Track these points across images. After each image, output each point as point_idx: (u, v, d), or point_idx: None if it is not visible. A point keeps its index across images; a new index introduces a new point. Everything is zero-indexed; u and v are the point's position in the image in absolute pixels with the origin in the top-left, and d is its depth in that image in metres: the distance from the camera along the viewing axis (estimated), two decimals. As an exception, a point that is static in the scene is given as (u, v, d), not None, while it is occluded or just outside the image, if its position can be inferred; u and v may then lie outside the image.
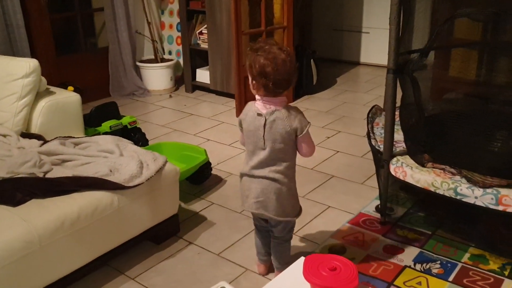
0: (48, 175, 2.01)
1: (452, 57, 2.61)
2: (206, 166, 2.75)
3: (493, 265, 2.05)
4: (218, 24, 4.16)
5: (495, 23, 2.17)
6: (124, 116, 3.13)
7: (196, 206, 2.60)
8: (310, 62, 4.38)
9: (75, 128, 2.57)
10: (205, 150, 2.76)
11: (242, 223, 2.43)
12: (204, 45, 4.42)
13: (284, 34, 4.07)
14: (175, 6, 4.75)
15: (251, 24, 3.94)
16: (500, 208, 1.89)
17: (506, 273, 1.99)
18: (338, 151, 3.21)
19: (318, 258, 1.29)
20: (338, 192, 2.69)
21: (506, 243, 2.20)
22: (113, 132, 2.93)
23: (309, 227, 2.37)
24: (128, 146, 2.29)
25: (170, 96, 4.54)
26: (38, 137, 2.37)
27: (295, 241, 2.27)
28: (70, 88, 2.95)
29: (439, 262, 2.08)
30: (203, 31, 4.42)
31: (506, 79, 2.25)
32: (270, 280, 1.98)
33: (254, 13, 3.94)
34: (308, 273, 1.25)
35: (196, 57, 4.61)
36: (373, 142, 2.36)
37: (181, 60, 4.76)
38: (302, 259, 1.38)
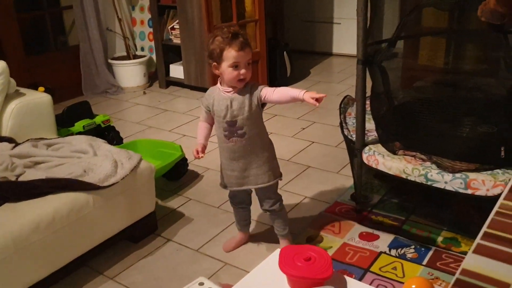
0: (21, 178, 1.98)
1: (421, 46, 2.66)
2: (182, 162, 2.75)
3: (465, 247, 2.11)
4: (189, 19, 4.14)
5: (460, 11, 2.22)
6: (97, 115, 3.10)
7: (174, 202, 2.60)
8: (283, 54, 4.40)
9: (47, 129, 2.54)
10: (180, 146, 2.76)
11: (220, 217, 2.45)
12: (177, 40, 4.39)
13: (256, 27, 4.08)
14: (145, 2, 4.70)
15: (222, 18, 3.94)
16: (469, 191, 1.95)
17: (477, 254, 2.06)
18: (313, 142, 3.25)
19: (294, 249, 1.32)
20: (314, 182, 2.73)
21: (477, 225, 2.26)
22: (86, 131, 2.90)
23: (287, 219, 2.40)
24: (102, 145, 2.27)
25: (144, 93, 4.51)
26: (9, 140, 2.33)
27: (273, 233, 2.30)
28: (41, 88, 2.91)
29: (413, 246, 2.14)
30: (175, 27, 4.39)
31: (472, 66, 2.31)
32: (248, 272, 2.00)
33: (225, 7, 3.93)
34: (283, 265, 1.27)
35: (169, 53, 4.58)
36: (345, 132, 2.40)
37: (154, 56, 4.73)
38: (278, 251, 1.40)
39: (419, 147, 2.15)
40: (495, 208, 0.62)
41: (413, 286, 1.04)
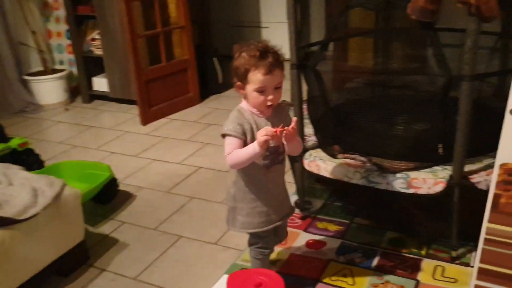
0: None
1: (350, 47, 2.65)
2: (111, 183, 2.55)
3: (410, 246, 2.10)
4: (111, 28, 3.91)
5: (389, 11, 2.22)
6: (12, 138, 2.81)
7: (106, 228, 2.40)
8: (213, 60, 4.28)
9: (-48, 158, 2.25)
10: (109, 166, 2.56)
11: (158, 240, 2.28)
12: (98, 52, 4.14)
13: (183, 33, 3.93)
14: (61, 12, 4.39)
15: (146, 26, 3.75)
16: (411, 190, 1.94)
17: (423, 252, 2.05)
18: (250, 150, 3.15)
19: (242, 274, 1.20)
20: (255, 193, 2.63)
21: (420, 223, 2.27)
22: (0, 158, 2.61)
23: (230, 234, 2.28)
24: (18, 173, 2.04)
25: (67, 109, 4.20)
26: None
27: (217, 251, 2.17)
28: None
29: (360, 251, 2.10)
30: (95, 37, 4.14)
31: (403, 64, 2.32)
32: (194, 298, 1.87)
33: (148, 14, 3.75)
34: (232, 293, 1.16)
35: (91, 65, 4.30)
36: (284, 138, 2.32)
37: (74, 70, 4.43)
38: (224, 277, 1.28)
39: (358, 149, 2.11)
40: (482, 235, 0.54)
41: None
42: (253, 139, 1.53)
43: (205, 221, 2.41)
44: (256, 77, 1.47)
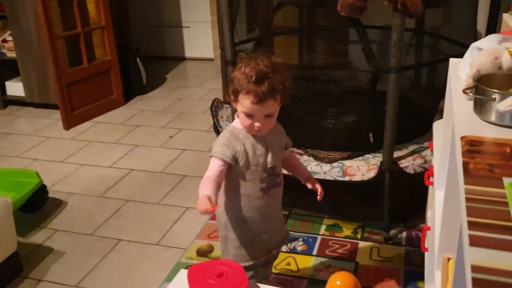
0: None
1: (283, 44, 2.73)
2: (40, 190, 2.42)
3: (347, 231, 2.22)
4: (25, 29, 3.68)
5: (318, 8, 2.33)
6: None
7: (37, 237, 2.27)
8: (136, 61, 4.19)
9: None
10: (36, 173, 2.42)
11: (96, 245, 2.20)
12: (11, 54, 3.87)
13: (104, 34, 3.80)
14: (-35, 12, 4.06)
15: (65, 26, 3.58)
16: (347, 178, 2.05)
17: (359, 236, 2.18)
18: (184, 149, 3.13)
19: (202, 267, 1.21)
20: (193, 191, 2.62)
21: (353, 209, 2.41)
22: None
23: (172, 234, 2.27)
24: None
25: (-23, 117, 3.90)
26: None
27: (159, 252, 2.15)
28: None
29: (301, 239, 2.18)
30: (7, 39, 3.88)
31: (332, 60, 2.44)
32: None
33: (67, 14, 3.58)
34: (194, 285, 1.16)
35: (3, 68, 4.02)
36: (221, 135, 2.35)
37: (-17, 74, 4.11)
38: (182, 271, 1.28)
39: (294, 142, 2.19)
40: (463, 195, 0.61)
41: (338, 282, 1.02)
42: (247, 162, 1.41)
43: (143, 223, 2.37)
44: (245, 102, 1.33)
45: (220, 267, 1.20)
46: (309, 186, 1.58)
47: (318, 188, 1.57)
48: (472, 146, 0.78)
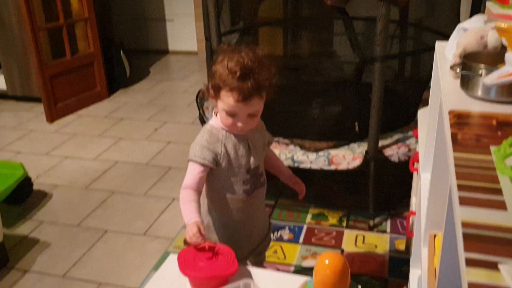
0: None
1: (261, 34, 2.74)
2: (25, 182, 2.39)
3: (332, 219, 2.25)
4: (6, 20, 3.62)
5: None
6: None
7: (23, 229, 2.25)
8: (119, 54, 4.16)
9: None
10: (21, 164, 2.40)
11: (83, 236, 2.19)
12: (-8, 46, 3.81)
13: (87, 26, 3.77)
14: None
15: (47, 18, 3.54)
16: (333, 167, 2.08)
17: (344, 224, 2.22)
18: (169, 142, 3.13)
19: (191, 251, 1.22)
20: (179, 182, 2.60)
21: (338, 198, 2.44)
22: None
23: (158, 224, 2.27)
24: None
25: (-43, 110, 3.83)
26: None
27: (146, 241, 2.15)
28: None
29: (287, 228, 2.20)
30: (-13, 30, 3.81)
31: (312, 51, 2.47)
32: (130, 288, 1.84)
33: (49, 5, 3.54)
34: (185, 268, 1.17)
35: (-17, 61, 3.95)
36: (207, 125, 2.35)
37: (-37, 66, 4.03)
38: (171, 257, 1.29)
39: (280, 132, 2.21)
40: (451, 164, 0.63)
41: (326, 261, 1.04)
42: (229, 164, 1.32)
43: (130, 214, 2.37)
44: (228, 99, 1.23)
45: (210, 250, 1.22)
46: (290, 185, 1.54)
47: (299, 188, 1.52)
48: (460, 119, 0.80)
